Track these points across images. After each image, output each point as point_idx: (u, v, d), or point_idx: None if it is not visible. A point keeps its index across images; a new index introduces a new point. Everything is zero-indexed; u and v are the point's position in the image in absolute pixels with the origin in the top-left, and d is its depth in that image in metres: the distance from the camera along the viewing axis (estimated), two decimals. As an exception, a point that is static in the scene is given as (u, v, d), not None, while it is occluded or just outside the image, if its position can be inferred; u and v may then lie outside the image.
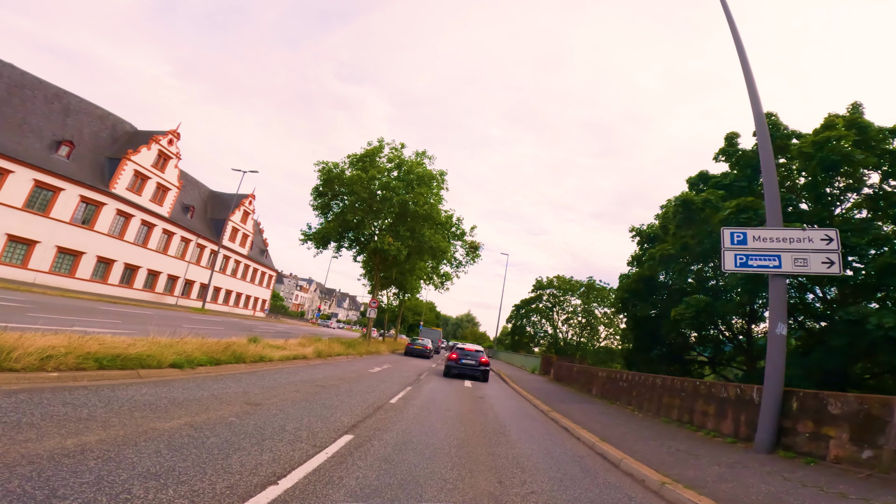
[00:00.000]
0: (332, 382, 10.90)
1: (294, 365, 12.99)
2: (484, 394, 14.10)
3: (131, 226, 42.49)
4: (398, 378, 14.75)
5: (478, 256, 32.71)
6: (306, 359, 14.37)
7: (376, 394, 10.30)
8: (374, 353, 25.34)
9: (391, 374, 15.94)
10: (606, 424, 9.68)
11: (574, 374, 19.42)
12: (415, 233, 28.71)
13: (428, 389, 12.91)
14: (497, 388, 16.97)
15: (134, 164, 42.51)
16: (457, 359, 18.58)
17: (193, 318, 26.50)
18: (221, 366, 9.60)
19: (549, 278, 55.47)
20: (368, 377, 13.53)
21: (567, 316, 54.34)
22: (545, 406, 12.16)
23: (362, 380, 12.59)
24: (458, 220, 32.84)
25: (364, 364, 17.96)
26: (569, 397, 15.32)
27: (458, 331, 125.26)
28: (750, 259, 7.19)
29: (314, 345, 16.66)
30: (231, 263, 59.63)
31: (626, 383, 13.41)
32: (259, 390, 8.08)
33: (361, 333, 30.68)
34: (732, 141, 15.68)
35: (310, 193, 29.72)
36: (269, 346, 13.30)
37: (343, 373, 13.45)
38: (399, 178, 29.61)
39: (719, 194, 13.26)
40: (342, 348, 19.52)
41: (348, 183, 28.59)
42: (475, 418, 9.08)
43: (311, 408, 7.32)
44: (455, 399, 11.73)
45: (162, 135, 46.35)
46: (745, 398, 7.98)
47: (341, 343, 20.86)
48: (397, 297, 44.06)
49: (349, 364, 16.77)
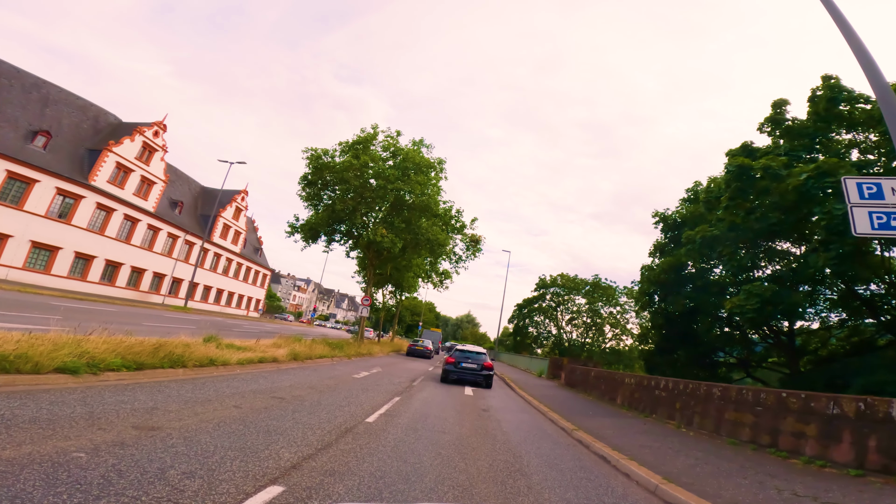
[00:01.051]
0: (297, 393, 8.60)
1: (258, 369, 10.71)
2: (489, 405, 11.79)
3: (113, 220, 40.22)
4: (386, 385, 12.45)
5: (479, 251, 30.38)
6: (276, 362, 12.08)
7: (351, 408, 8.00)
8: (366, 354, 23.04)
9: (379, 379, 13.65)
10: (657, 450, 7.33)
11: (591, 379, 17.06)
12: (411, 224, 26.43)
13: (420, 400, 10.61)
14: (503, 397, 14.66)
15: (116, 155, 40.26)
16: (455, 362, 16.46)
17: (168, 316, 24.22)
18: (146, 371, 7.31)
19: (553, 276, 53.15)
20: (349, 384, 11.24)
21: (571, 316, 52.01)
22: (566, 422, 9.81)
23: (340, 388, 10.29)
24: (458, 212, 30.52)
25: (349, 368, 15.66)
26: (590, 408, 12.97)
27: (458, 331, 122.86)
28: (894, 218, 4.87)
29: (291, 345, 14.39)
30: (222, 261, 57.35)
31: (666, 392, 11.07)
32: (178, 406, 5.80)
33: (353, 334, 28.37)
34: (780, 109, 13.39)
35: (297, 182, 27.48)
36: (229, 348, 11.02)
37: (318, 379, 11.15)
38: (394, 166, 27.37)
39: (781, 160, 10.92)
40: (326, 350, 17.23)
41: (338, 170, 26.33)
42: (480, 444, 6.78)
43: (240, 435, 5.03)
44: (453, 413, 9.43)
45: (147, 126, 44.10)
46: (876, 416, 5.70)
47: (327, 344, 18.58)
48: (394, 295, 41.74)
49: (331, 368, 14.47)
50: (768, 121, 13.38)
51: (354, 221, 25.87)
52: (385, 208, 26.76)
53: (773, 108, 13.31)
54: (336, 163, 26.68)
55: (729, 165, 11.83)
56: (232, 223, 58.35)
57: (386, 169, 26.78)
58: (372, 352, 24.76)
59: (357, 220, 25.17)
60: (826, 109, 11.73)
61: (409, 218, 26.92)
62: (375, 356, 24.51)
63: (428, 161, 27.84)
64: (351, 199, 25.73)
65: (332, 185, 26.76)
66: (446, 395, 12.27)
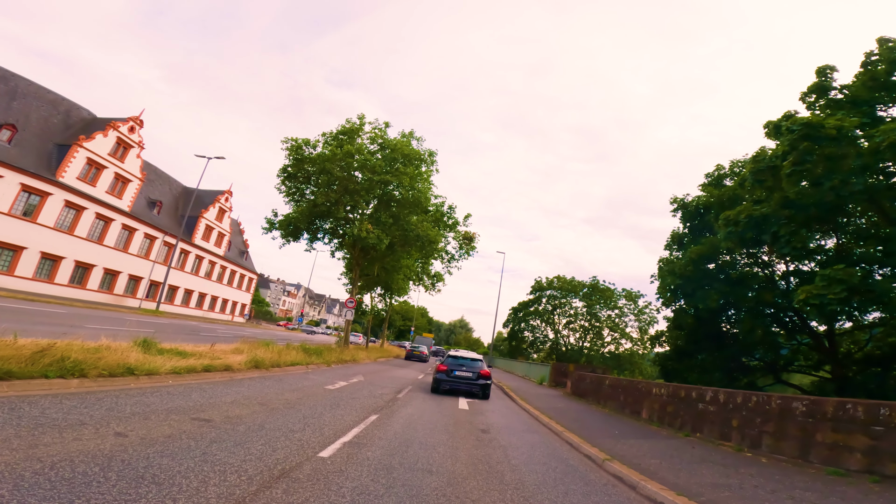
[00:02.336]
0: (235, 412, 6.52)
1: (200, 380, 8.60)
2: (488, 423, 9.74)
3: (83, 219, 37.79)
4: (364, 398, 10.39)
5: (473, 249, 28.37)
6: (230, 371, 9.96)
7: (305, 434, 5.94)
8: (349, 361, 20.91)
9: (357, 391, 11.57)
10: (744, 492, 5.24)
11: (606, 388, 14.88)
12: (399, 220, 24.41)
13: (403, 419, 8.54)
14: (504, 411, 12.61)
15: (87, 151, 37.91)
16: (448, 370, 14.50)
17: (131, 319, 21.93)
18: (14, 382, 5.23)
19: (549, 279, 51.29)
20: (316, 399, 9.16)
21: (569, 319, 50.07)
22: (591, 447, 7.65)
23: (301, 404, 8.21)
24: (451, 208, 28.55)
25: (325, 377, 13.56)
26: (613, 425, 10.87)
27: (451, 337, 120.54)
28: None
29: (255, 351, 12.28)
30: (205, 264, 54.85)
31: (716, 406, 9.05)
32: (11, 434, 3.70)
33: (338, 338, 26.23)
34: (826, 76, 11.59)
35: (276, 175, 25.39)
36: (169, 353, 8.93)
37: (276, 392, 9.06)
38: (382, 157, 25.40)
39: (853, 121, 9.04)
40: (300, 356, 15.10)
41: (320, 160, 24.31)
42: (482, 492, 4.73)
43: (79, 486, 2.96)
44: (444, 438, 7.39)
45: (122, 121, 41.78)
46: None
47: (303, 350, 16.46)
48: (383, 298, 39.60)
49: (300, 378, 12.36)
50: (813, 89, 11.56)
51: (337, 217, 23.78)
52: (371, 202, 24.77)
53: (819, 76, 11.54)
54: (318, 153, 24.69)
55: (792, 125, 9.78)
56: (215, 224, 55.94)
57: (372, 159, 24.81)
58: (357, 358, 22.63)
59: (340, 213, 23.09)
60: (889, 73, 10.01)
61: (398, 213, 24.93)
62: (361, 363, 22.39)
63: (418, 153, 25.90)
64: (334, 191, 23.68)
65: (315, 177, 24.71)
66: (437, 411, 10.22)
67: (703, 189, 15.16)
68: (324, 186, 23.89)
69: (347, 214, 24.35)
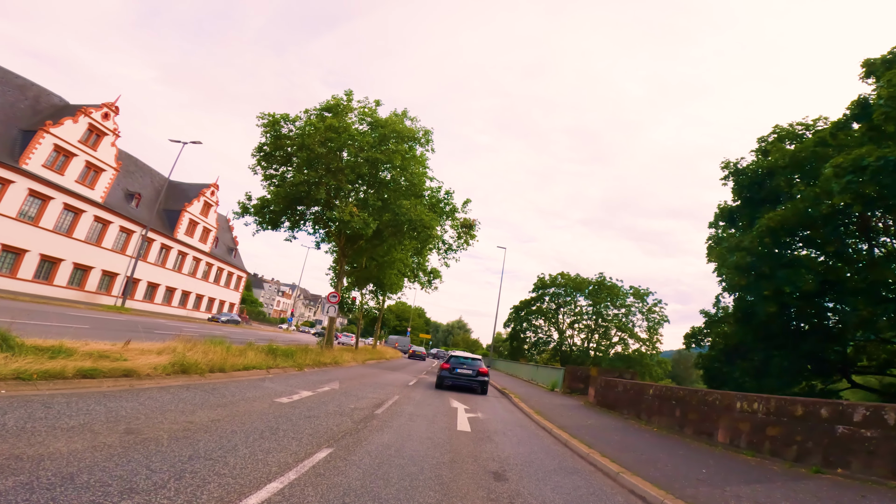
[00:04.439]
0: (50, 449, 3.64)
1: (66, 388, 5.73)
2: (502, 456, 6.78)
3: (50, 210, 34.86)
4: (323, 418, 7.51)
5: (473, 237, 25.48)
6: (131, 377, 7.08)
7: (155, 497, 3.06)
8: (329, 364, 18.02)
9: (319, 405, 8.71)
10: None
11: (649, 400, 11.88)
12: (389, 204, 21.53)
13: (369, 457, 5.58)
14: (519, 432, 9.65)
15: (54, 137, 35.00)
16: (451, 368, 16.41)
17: (75, 315, 18.99)
18: None
19: (553, 275, 48.35)
20: (245, 420, 6.29)
21: (574, 318, 47.12)
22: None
23: (211, 431, 5.34)
24: (448, 193, 25.71)
25: (284, 385, 10.67)
26: (690, 456, 7.69)
27: (449, 338, 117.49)
28: None
29: (189, 352, 9.39)
30: (189, 261, 51.86)
31: (875, 430, 5.91)
32: None
33: (323, 338, 23.33)
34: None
35: (251, 155, 22.49)
36: (29, 351, 6.07)
37: (188, 409, 6.19)
38: (370, 134, 22.56)
39: None
40: (260, 359, 12.22)
41: (299, 136, 21.46)
42: None
43: None
44: (433, 500, 4.51)
45: (94, 107, 38.92)
46: None
47: (266, 351, 13.58)
48: (375, 296, 36.68)
49: (248, 387, 9.46)
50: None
51: (317, 199, 20.88)
52: (357, 183, 21.88)
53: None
54: (297, 128, 21.81)
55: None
56: (200, 219, 52.97)
57: (357, 134, 21.96)
58: (340, 360, 19.73)
59: (320, 195, 20.18)
60: None
61: (388, 196, 22.06)
62: (344, 366, 19.49)
63: (412, 131, 23.03)
64: (315, 171, 20.78)
65: (294, 155, 21.82)
66: (425, 437, 7.33)
67: (756, 154, 12.40)
68: (303, 165, 21.01)
69: (330, 197, 21.45)
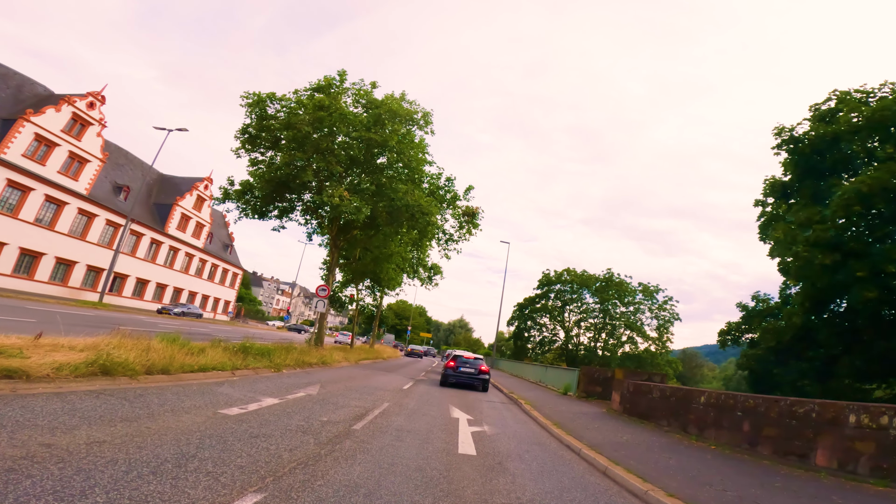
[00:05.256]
0: None
1: None
2: (519, 498, 4.95)
3: (30, 201, 33.15)
4: (285, 435, 5.68)
5: (476, 226, 23.60)
6: (15, 378, 5.23)
7: None
8: (316, 364, 16.18)
9: (284, 416, 6.87)
10: None
11: (700, 409, 9.47)
12: (384, 189, 19.67)
13: (328, 498, 3.77)
14: (539, 454, 7.66)
15: (35, 126, 33.27)
16: (455, 367, 17.63)
17: (34, 309, 17.17)
18: None
19: (558, 271, 46.33)
20: (145, 446, 4.45)
21: (581, 316, 45.12)
22: None
23: (59, 465, 3.49)
24: (449, 180, 23.85)
25: (244, 391, 8.80)
26: (802, 490, 5.60)
27: (451, 337, 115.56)
28: None
29: (119, 350, 7.54)
30: (181, 256, 50.11)
31: None
32: None
33: (311, 336, 21.51)
34: None
35: (234, 137, 20.64)
36: None
37: (66, 426, 4.33)
38: (364, 114, 20.72)
39: None
40: (225, 359, 10.37)
41: (286, 115, 19.62)
42: None
43: None
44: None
45: (79, 96, 37.22)
46: None
47: (236, 350, 11.73)
48: (372, 292, 34.82)
49: (193, 393, 7.59)
50: None
51: (305, 183, 19.04)
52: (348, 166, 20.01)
53: None
54: (284, 108, 19.95)
55: None
56: (193, 214, 51.20)
57: (350, 114, 20.12)
58: (329, 360, 17.88)
59: (307, 177, 18.33)
60: None
61: (384, 182, 20.19)
62: (332, 367, 17.63)
63: (409, 111, 21.16)
64: (302, 152, 18.93)
65: (280, 135, 19.96)
66: (416, 464, 5.39)
67: (818, 120, 10.53)
68: (290, 145, 19.16)
69: (320, 181, 19.59)
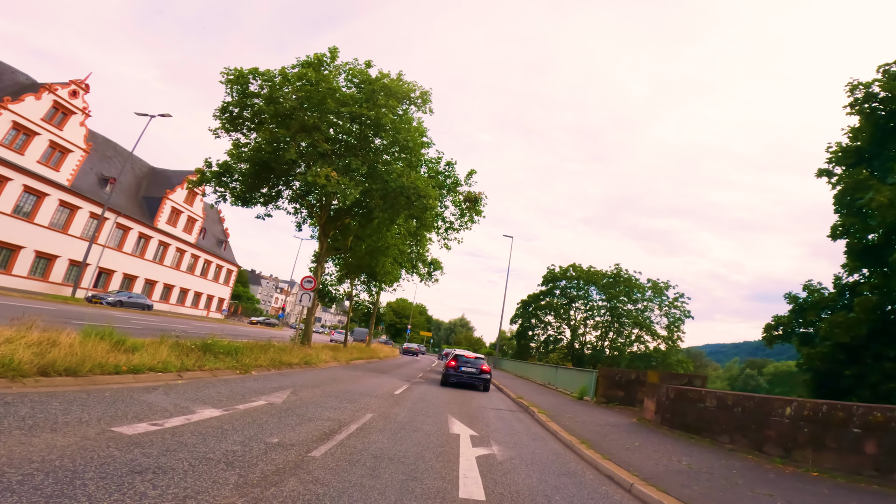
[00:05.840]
0: None
1: None
2: None
3: (8, 192, 31.37)
4: (191, 471, 3.84)
5: (479, 213, 21.70)
6: None
7: None
8: (297, 365, 14.32)
9: (211, 437, 5.03)
10: None
11: (786, 425, 7.24)
12: (377, 170, 17.80)
13: None
14: (562, 481, 5.62)
15: (12, 113, 31.44)
16: (456, 366, 17.29)
17: None
18: None
19: (564, 267, 44.34)
20: None
21: (588, 314, 43.17)
22: None
23: None
24: (449, 164, 21.96)
25: (188, 398, 6.90)
26: None
27: (451, 336, 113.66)
28: None
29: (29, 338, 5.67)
30: (172, 252, 48.28)
31: None
32: None
33: (296, 334, 19.65)
34: None
35: (213, 116, 18.74)
36: None
37: None
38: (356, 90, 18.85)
39: None
40: (171, 357, 8.51)
41: (269, 91, 17.78)
42: None
43: None
44: None
45: (61, 84, 35.41)
46: None
47: (192, 348, 9.85)
48: (367, 287, 32.95)
49: (94, 402, 5.67)
50: None
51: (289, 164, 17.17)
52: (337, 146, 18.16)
53: None
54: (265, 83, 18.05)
55: None
56: (184, 208, 49.38)
57: (339, 88, 18.26)
58: (314, 360, 16.01)
59: (290, 155, 16.43)
60: None
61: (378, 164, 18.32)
62: (316, 367, 15.74)
63: (406, 89, 19.27)
64: (285, 128, 17.07)
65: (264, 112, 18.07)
66: None
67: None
68: (272, 120, 17.31)
69: (306, 160, 17.72)
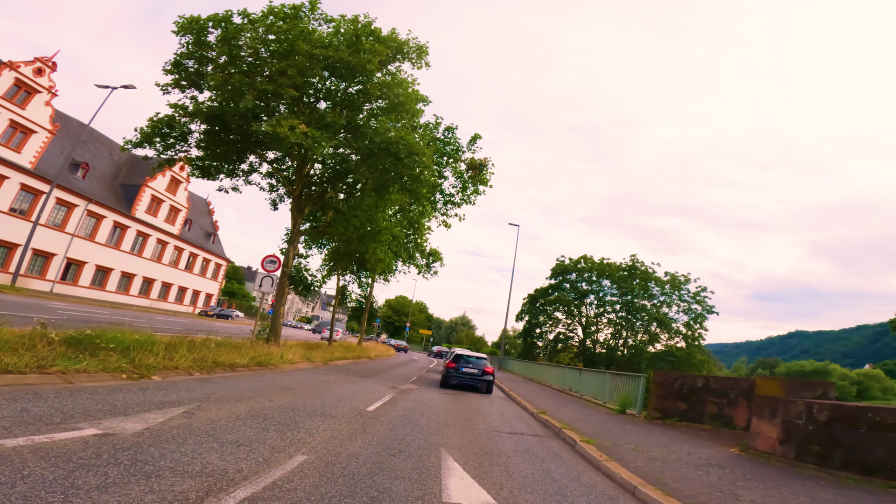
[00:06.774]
0: None
1: None
2: None
3: (-44, 173, 28.06)
4: None
5: (485, 182, 18.26)
6: None
7: None
8: (243, 367, 10.98)
9: None
10: None
11: None
12: (358, 126, 14.48)
13: None
14: None
15: (-36, 87, 28.18)
16: (456, 367, 15.63)
17: None
18: None
19: (574, 259, 40.90)
20: None
21: (599, 311, 39.65)
22: None
23: None
24: (449, 129, 18.60)
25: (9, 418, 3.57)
26: None
27: (452, 335, 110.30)
28: None
29: None
30: (151, 243, 45.01)
31: None
32: None
33: (261, 328, 16.31)
34: None
35: (162, 70, 15.38)
36: None
37: None
38: (336, 33, 15.52)
39: None
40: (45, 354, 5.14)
41: (223, 33, 14.48)
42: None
43: None
44: None
45: (26, 62, 32.21)
46: None
47: (48, 338, 6.50)
48: (357, 279, 29.62)
49: None
50: None
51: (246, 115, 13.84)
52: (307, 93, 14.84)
53: None
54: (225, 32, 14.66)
55: None
56: (166, 196, 46.11)
57: (316, 30, 14.97)
58: (273, 361, 12.55)
59: (247, 103, 13.05)
60: None
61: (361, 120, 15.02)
62: (275, 369, 12.30)
63: (398, 40, 15.92)
64: (242, 74, 13.75)
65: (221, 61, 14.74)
66: None
67: None
68: (227, 63, 14.01)
69: (268, 109, 14.40)
